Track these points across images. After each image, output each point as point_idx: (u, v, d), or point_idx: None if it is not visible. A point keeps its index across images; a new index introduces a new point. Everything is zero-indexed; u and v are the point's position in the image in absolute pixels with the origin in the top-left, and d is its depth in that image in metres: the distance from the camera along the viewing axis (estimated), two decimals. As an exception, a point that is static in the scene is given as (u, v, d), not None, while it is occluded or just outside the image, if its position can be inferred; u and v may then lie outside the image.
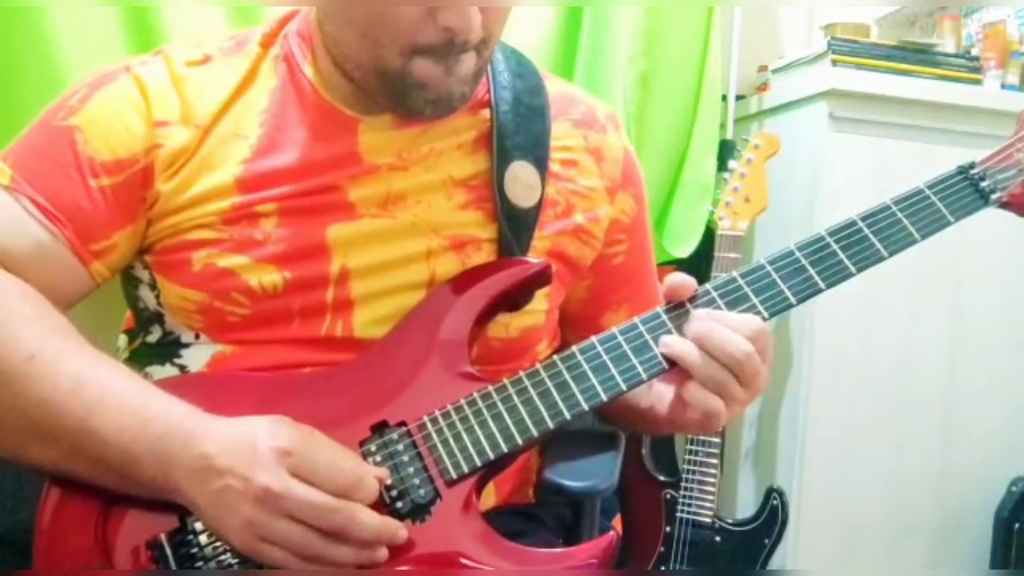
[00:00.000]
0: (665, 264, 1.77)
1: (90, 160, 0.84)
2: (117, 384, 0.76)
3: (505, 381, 0.81)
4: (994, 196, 0.87)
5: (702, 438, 1.70)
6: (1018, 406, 1.88)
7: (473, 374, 0.83)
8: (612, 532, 0.83)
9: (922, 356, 1.83)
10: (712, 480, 1.70)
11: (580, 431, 0.99)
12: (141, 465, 0.73)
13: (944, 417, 1.85)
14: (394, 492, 0.77)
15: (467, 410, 0.80)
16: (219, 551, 0.74)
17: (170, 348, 0.88)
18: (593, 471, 0.94)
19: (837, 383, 1.80)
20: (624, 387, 0.80)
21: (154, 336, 0.90)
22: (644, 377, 0.80)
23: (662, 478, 1.73)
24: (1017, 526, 1.83)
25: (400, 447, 0.79)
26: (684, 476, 1.71)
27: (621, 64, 1.70)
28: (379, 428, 0.80)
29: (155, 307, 0.89)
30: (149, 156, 0.85)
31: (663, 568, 1.70)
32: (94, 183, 0.84)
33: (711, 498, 1.70)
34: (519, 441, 0.79)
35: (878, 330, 1.81)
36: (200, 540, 0.74)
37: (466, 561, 0.75)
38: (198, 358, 0.86)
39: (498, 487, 0.92)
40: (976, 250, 1.80)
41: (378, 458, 0.78)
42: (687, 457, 1.71)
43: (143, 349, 0.91)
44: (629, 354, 0.81)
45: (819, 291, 0.83)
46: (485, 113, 0.92)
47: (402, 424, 0.80)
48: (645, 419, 0.97)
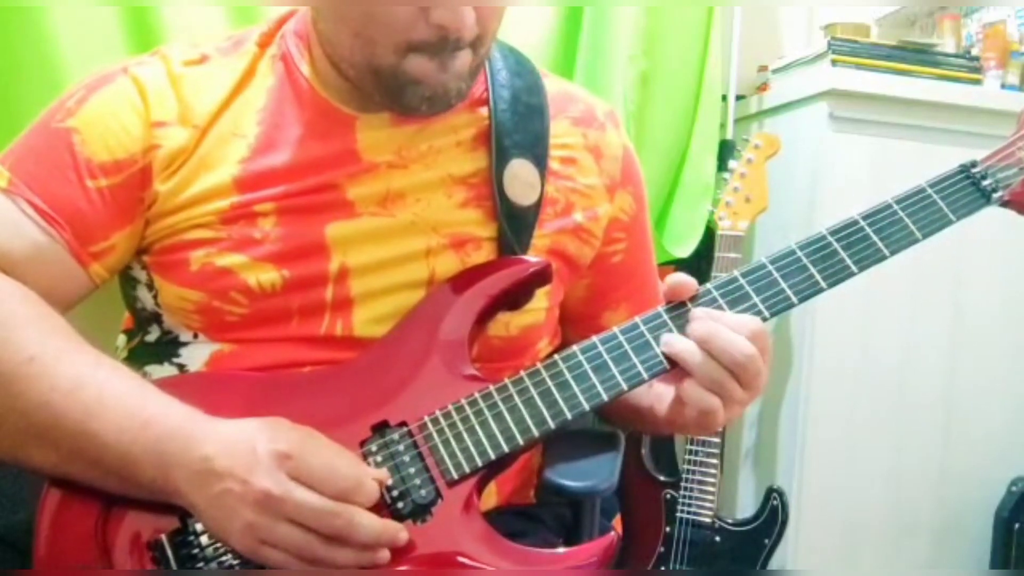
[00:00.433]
0: (665, 264, 1.77)
1: (88, 161, 0.84)
2: (116, 385, 0.76)
3: (506, 381, 0.81)
4: (996, 195, 0.87)
5: (702, 438, 1.70)
6: (1018, 406, 1.88)
7: (474, 374, 0.83)
8: (612, 532, 0.83)
9: (922, 356, 1.83)
10: (712, 480, 1.70)
11: (580, 431, 0.99)
12: (141, 467, 0.73)
13: (944, 417, 1.85)
14: (395, 492, 0.77)
15: (468, 410, 0.80)
16: (220, 552, 0.74)
17: (169, 347, 0.88)
18: (593, 471, 0.94)
19: (837, 383, 1.80)
20: (625, 387, 0.80)
21: (153, 336, 0.90)
22: (645, 377, 0.80)
23: (662, 478, 1.73)
24: (1017, 526, 1.83)
25: (401, 447, 0.78)
26: (684, 476, 1.71)
27: (621, 64, 1.70)
28: (380, 428, 0.80)
29: (153, 307, 0.89)
30: (147, 157, 0.85)
31: (663, 568, 1.70)
32: (92, 184, 0.84)
33: (711, 498, 1.70)
34: (520, 441, 0.79)
35: (878, 330, 1.81)
36: (201, 541, 0.74)
37: (467, 561, 0.75)
38: (197, 357, 0.86)
39: (500, 487, 0.92)
40: (976, 250, 1.80)
41: (379, 458, 0.78)
42: (687, 457, 1.71)
43: (142, 348, 0.91)
44: (630, 353, 0.81)
45: (820, 290, 0.82)
46: (483, 111, 0.92)
47: (403, 424, 0.80)
48: (645, 419, 0.97)
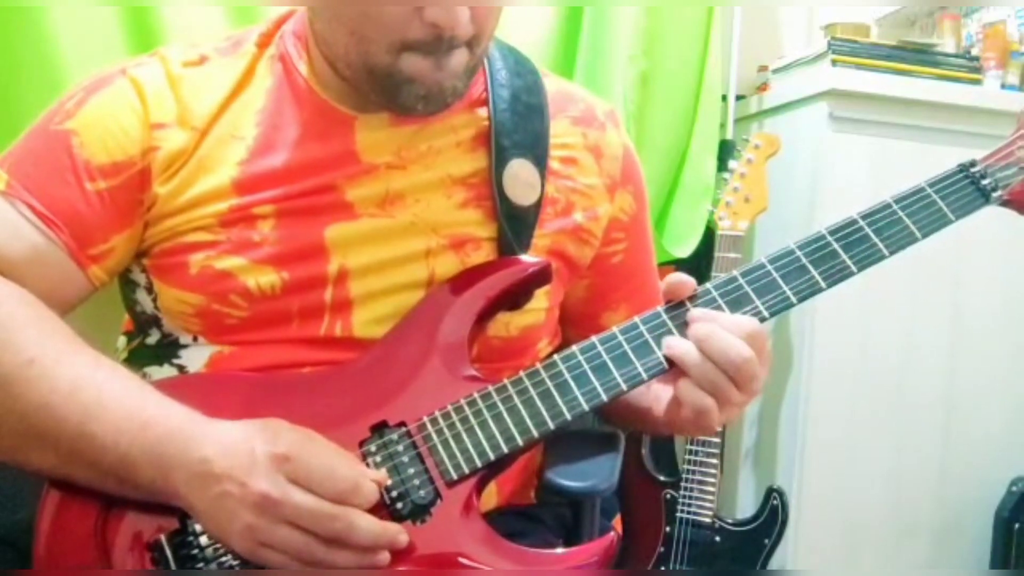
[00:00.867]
0: (665, 264, 1.77)
1: (86, 164, 0.84)
2: (115, 387, 0.76)
3: (505, 381, 0.81)
4: (995, 194, 0.87)
5: (702, 438, 1.70)
6: (1018, 406, 1.88)
7: (473, 375, 0.83)
8: (612, 532, 0.83)
9: (922, 356, 1.83)
10: (712, 480, 1.70)
11: (580, 431, 0.99)
12: (140, 469, 0.73)
13: (944, 417, 1.85)
14: (394, 493, 0.77)
15: (467, 410, 0.80)
16: (219, 552, 0.74)
17: (168, 349, 0.88)
18: (593, 471, 0.95)
19: (837, 383, 1.80)
20: (625, 387, 0.80)
21: (153, 338, 0.90)
22: (645, 377, 0.80)
23: (662, 478, 1.73)
24: (1017, 526, 1.83)
25: (400, 448, 0.78)
26: (684, 476, 1.71)
27: (621, 64, 1.70)
28: (379, 428, 0.80)
29: (152, 310, 0.89)
30: (146, 159, 0.85)
31: (663, 568, 1.70)
32: (91, 187, 0.83)
33: (711, 498, 1.70)
34: (519, 442, 0.79)
35: (878, 330, 1.81)
36: (200, 541, 0.74)
37: (466, 562, 0.75)
38: (197, 358, 0.86)
39: (500, 487, 0.92)
40: (976, 250, 1.80)
41: (378, 459, 0.78)
42: (687, 457, 1.71)
43: (142, 350, 0.91)
44: (630, 354, 0.81)
45: (820, 290, 0.82)
46: (483, 111, 0.92)
47: (402, 424, 0.80)
48: (644, 418, 0.97)
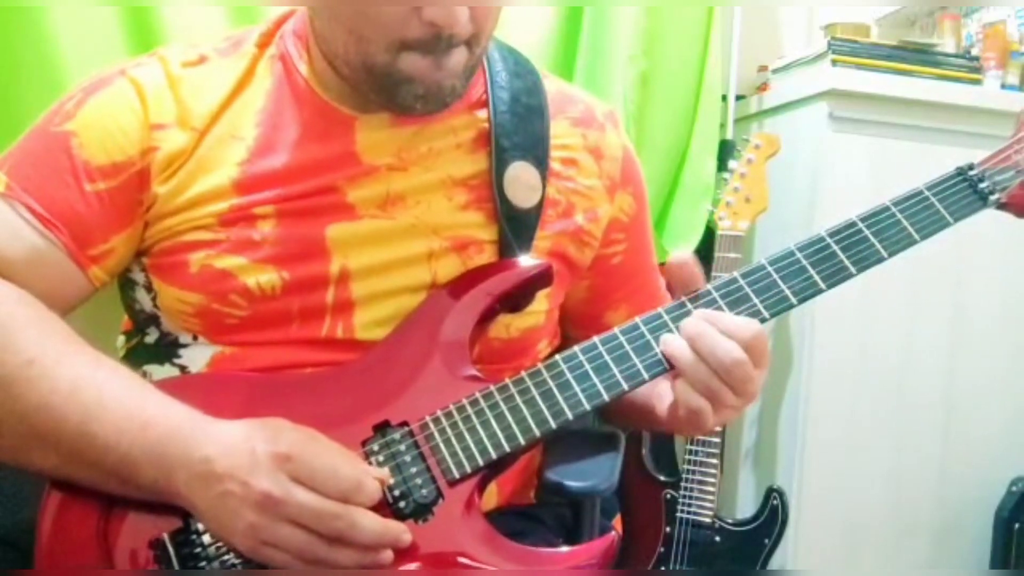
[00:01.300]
0: (665, 264, 1.77)
1: (86, 164, 0.83)
2: (115, 386, 0.76)
3: (507, 380, 0.81)
4: (993, 197, 0.87)
5: (702, 438, 1.70)
6: (1018, 406, 1.88)
7: (475, 375, 0.83)
8: (614, 532, 0.83)
9: (922, 356, 1.83)
10: (712, 480, 1.70)
11: (580, 431, 0.99)
12: (141, 468, 0.73)
13: (944, 417, 1.85)
14: (396, 492, 0.77)
15: (469, 409, 0.80)
16: (222, 551, 0.74)
17: (168, 349, 0.88)
18: (593, 471, 0.94)
19: (837, 383, 1.80)
20: (626, 387, 0.80)
21: (151, 338, 0.90)
22: (646, 377, 0.80)
23: (662, 478, 1.73)
24: (1017, 526, 1.83)
25: (402, 447, 0.78)
26: (684, 476, 1.71)
27: (621, 64, 1.70)
28: (381, 428, 0.80)
29: (151, 309, 0.89)
30: (145, 159, 0.84)
31: (663, 568, 1.70)
32: (90, 187, 0.83)
33: (711, 498, 1.70)
34: (521, 441, 0.79)
35: (878, 330, 1.81)
36: (203, 540, 0.74)
37: (468, 561, 0.75)
38: (198, 359, 0.86)
39: (500, 487, 0.92)
40: (976, 250, 1.80)
41: (380, 458, 0.78)
42: (687, 457, 1.71)
43: (140, 349, 0.91)
44: (631, 354, 0.81)
45: (820, 291, 0.83)
46: (482, 113, 0.92)
47: (404, 424, 0.80)
48: (647, 417, 0.97)
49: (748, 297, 0.82)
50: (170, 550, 0.74)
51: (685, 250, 0.81)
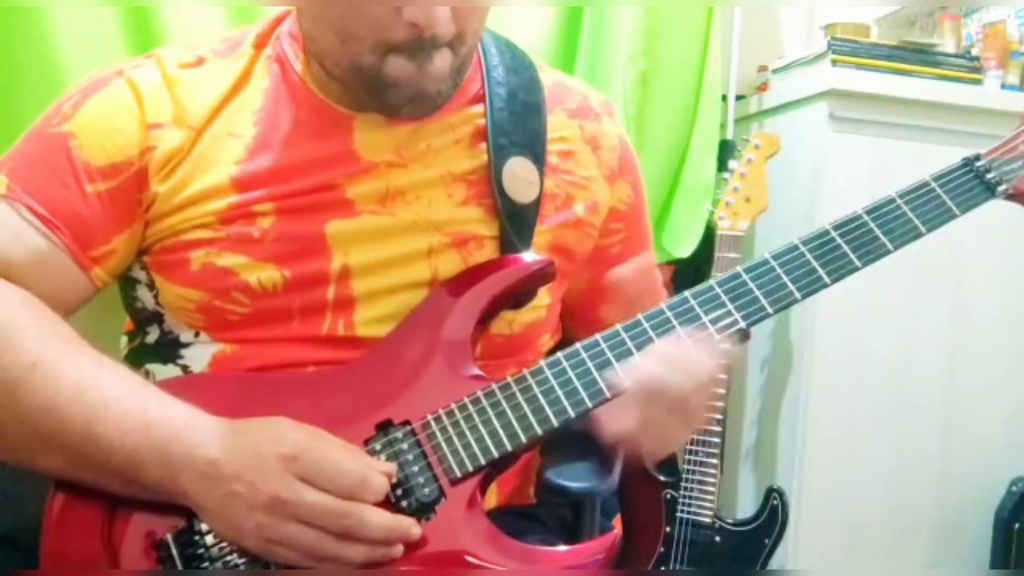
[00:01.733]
0: (665, 264, 1.77)
1: (85, 165, 0.83)
2: (118, 387, 0.76)
3: (509, 379, 0.81)
4: (1000, 188, 0.87)
5: (702, 438, 1.70)
6: (1018, 406, 1.88)
7: (477, 374, 0.83)
8: (615, 531, 0.83)
9: (922, 356, 1.83)
10: (712, 480, 1.70)
11: (580, 431, 0.99)
12: (147, 468, 0.73)
13: (944, 417, 1.85)
14: (399, 491, 0.77)
15: (471, 408, 0.80)
16: (225, 551, 0.74)
17: (170, 348, 0.88)
18: (593, 471, 0.94)
19: (837, 383, 1.80)
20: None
21: (152, 336, 0.90)
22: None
23: (662, 478, 1.73)
24: (1017, 526, 1.83)
25: (404, 446, 0.78)
26: (684, 476, 1.71)
27: (621, 64, 1.70)
28: (384, 427, 0.80)
29: (153, 307, 0.89)
30: (143, 159, 0.84)
31: (663, 568, 1.70)
32: (90, 188, 0.83)
33: (711, 498, 1.70)
34: (523, 439, 0.79)
35: (878, 330, 1.81)
36: (207, 540, 0.74)
37: (471, 559, 0.75)
38: (199, 358, 0.86)
39: (500, 487, 0.92)
40: (976, 250, 1.80)
41: (383, 457, 0.78)
42: (687, 457, 1.70)
43: (142, 349, 0.91)
44: (633, 352, 0.81)
45: (824, 285, 0.82)
46: (479, 109, 0.92)
47: (406, 423, 0.80)
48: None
49: (751, 292, 0.82)
50: (173, 550, 0.74)
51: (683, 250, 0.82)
